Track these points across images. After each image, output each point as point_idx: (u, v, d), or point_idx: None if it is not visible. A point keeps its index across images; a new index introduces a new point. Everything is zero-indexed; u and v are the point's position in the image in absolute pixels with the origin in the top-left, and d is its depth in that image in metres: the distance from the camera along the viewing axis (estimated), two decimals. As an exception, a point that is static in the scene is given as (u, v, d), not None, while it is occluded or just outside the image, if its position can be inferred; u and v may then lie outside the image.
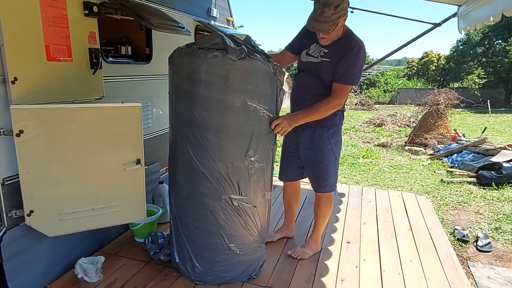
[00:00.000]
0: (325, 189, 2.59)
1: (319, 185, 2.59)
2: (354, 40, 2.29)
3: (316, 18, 2.14)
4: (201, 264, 2.28)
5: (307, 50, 2.43)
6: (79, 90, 2.29)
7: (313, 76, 2.40)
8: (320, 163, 2.51)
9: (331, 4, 2.08)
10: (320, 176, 2.55)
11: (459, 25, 3.80)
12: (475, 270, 2.94)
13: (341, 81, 2.29)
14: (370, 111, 15.87)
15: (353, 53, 2.24)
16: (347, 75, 2.28)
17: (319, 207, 2.71)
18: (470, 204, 4.48)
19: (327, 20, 2.12)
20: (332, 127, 2.48)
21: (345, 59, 2.24)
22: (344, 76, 2.27)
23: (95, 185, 2.19)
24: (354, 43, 2.26)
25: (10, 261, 2.02)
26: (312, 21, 2.17)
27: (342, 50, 2.26)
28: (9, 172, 1.97)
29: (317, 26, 2.17)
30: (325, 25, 2.15)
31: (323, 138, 2.47)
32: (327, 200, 2.68)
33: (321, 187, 2.59)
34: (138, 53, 3.17)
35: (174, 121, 2.25)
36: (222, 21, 4.48)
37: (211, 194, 2.16)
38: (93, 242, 2.64)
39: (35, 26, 1.97)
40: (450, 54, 25.53)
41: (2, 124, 1.89)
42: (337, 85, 2.30)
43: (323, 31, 2.21)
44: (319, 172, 2.54)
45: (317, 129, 2.45)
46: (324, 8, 2.09)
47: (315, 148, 2.49)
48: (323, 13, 2.10)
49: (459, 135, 7.67)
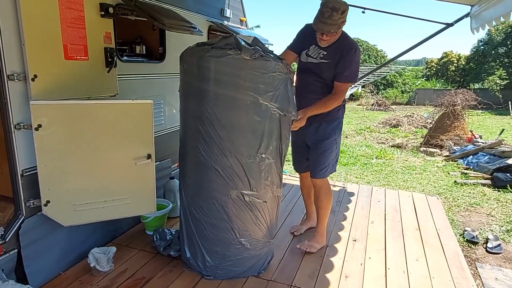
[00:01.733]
0: (323, 175, 2.73)
1: (318, 171, 2.72)
2: (350, 41, 2.50)
3: (323, 20, 2.30)
4: (212, 258, 2.35)
5: (306, 51, 2.60)
6: (94, 88, 2.40)
7: (313, 75, 2.60)
8: (324, 152, 2.67)
9: (339, 9, 2.27)
10: (322, 163, 2.69)
11: (472, 25, 3.76)
12: (483, 271, 2.93)
13: (342, 80, 2.51)
14: (386, 112, 15.69)
15: (351, 53, 2.45)
16: (347, 74, 2.48)
17: (319, 199, 2.82)
18: (482, 206, 4.42)
19: (334, 23, 2.30)
20: (336, 120, 2.68)
21: (344, 59, 2.45)
22: (343, 75, 2.48)
23: (107, 178, 2.30)
24: (350, 45, 2.47)
25: (27, 248, 2.15)
26: (320, 23, 2.33)
27: (340, 51, 2.46)
28: (28, 164, 2.09)
29: (325, 28, 2.33)
30: (332, 28, 2.33)
31: (328, 130, 2.65)
32: (326, 191, 2.80)
33: (320, 173, 2.72)
34: (152, 53, 3.28)
35: (186, 119, 2.32)
36: (236, 22, 4.56)
37: (223, 190, 2.23)
38: (105, 234, 2.76)
39: (54, 27, 2.09)
40: (471, 54, 24.95)
41: (22, 119, 2.02)
42: (339, 84, 2.52)
43: (329, 32, 2.37)
44: (322, 160, 2.69)
45: (323, 122, 2.63)
46: (333, 12, 2.26)
47: (321, 139, 2.66)
48: (331, 16, 2.27)
49: (476, 137, 7.54)
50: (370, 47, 28.75)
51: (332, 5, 2.26)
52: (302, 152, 2.85)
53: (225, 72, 2.08)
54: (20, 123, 2.01)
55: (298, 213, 3.50)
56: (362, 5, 3.94)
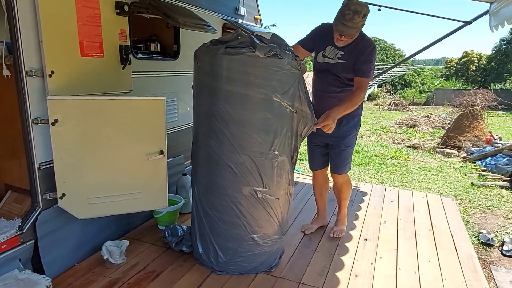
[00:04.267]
0: (346, 170, 2.86)
1: (342, 167, 2.83)
2: (367, 40, 2.51)
3: (345, 23, 2.31)
4: (224, 254, 2.38)
5: (322, 52, 2.61)
6: (109, 84, 2.46)
7: (331, 74, 2.61)
8: (347, 148, 2.76)
9: (361, 13, 2.28)
10: (344, 159, 2.79)
11: (491, 23, 3.68)
12: (497, 274, 2.87)
13: (364, 75, 2.49)
14: (403, 112, 15.46)
15: (369, 52, 2.46)
16: (367, 70, 2.48)
17: (341, 192, 2.99)
18: (499, 208, 4.32)
19: (355, 26, 2.33)
20: (356, 116, 2.72)
21: (363, 58, 2.45)
22: (364, 71, 2.48)
23: (120, 172, 2.35)
24: (368, 44, 2.48)
25: (43, 239, 2.22)
26: (341, 25, 2.34)
27: (358, 50, 2.47)
28: (44, 157, 2.16)
29: (346, 31, 2.35)
30: (353, 31, 2.36)
31: (349, 126, 2.70)
32: (348, 184, 2.97)
33: (343, 169, 2.84)
34: (166, 50, 3.32)
35: (199, 115, 2.35)
36: (250, 20, 4.57)
37: (235, 187, 2.25)
38: (119, 227, 2.82)
39: (71, 24, 2.15)
40: (492, 53, 24.33)
41: (39, 114, 2.08)
42: (360, 79, 2.49)
43: (350, 35, 2.40)
44: (344, 156, 2.78)
45: (344, 119, 2.61)
46: (354, 15, 2.27)
47: (343, 135, 2.70)
48: (352, 19, 2.28)
49: (495, 138, 7.36)
50: (388, 46, 28.32)
51: (355, 7, 2.26)
52: (320, 150, 2.89)
53: (238, 70, 2.10)
54: (38, 117, 2.07)
55: (309, 212, 3.49)
56: (379, 3, 3.90)
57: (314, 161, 2.99)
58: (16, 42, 1.93)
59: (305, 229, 3.07)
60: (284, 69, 2.11)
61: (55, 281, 2.21)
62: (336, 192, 3.05)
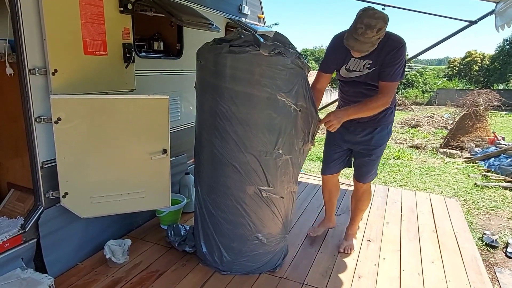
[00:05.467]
0: (371, 179, 2.71)
1: (369, 176, 2.69)
2: (394, 40, 2.22)
3: (356, 37, 2.06)
4: (229, 254, 2.37)
5: (345, 66, 2.38)
6: (112, 83, 2.44)
7: (363, 84, 2.39)
8: (377, 158, 2.61)
9: (374, 27, 2.01)
10: (373, 168, 2.65)
11: (497, 22, 3.64)
12: (502, 276, 2.85)
13: (389, 79, 2.26)
14: (406, 112, 15.42)
15: (395, 52, 2.20)
16: (394, 74, 2.24)
17: (361, 201, 2.82)
18: (503, 209, 4.30)
19: (367, 41, 2.06)
20: (390, 123, 2.58)
21: (390, 60, 2.20)
22: (390, 74, 2.24)
23: (123, 171, 2.34)
24: (395, 44, 2.21)
25: (46, 238, 2.21)
26: (352, 40, 2.09)
27: (384, 53, 2.22)
28: (47, 156, 2.15)
29: (356, 46, 2.10)
30: (365, 46, 2.09)
31: (383, 135, 2.55)
32: (369, 193, 2.82)
33: (368, 178, 2.69)
34: (169, 49, 3.31)
35: (202, 114, 2.32)
36: (253, 18, 4.55)
37: (240, 186, 2.23)
38: (121, 227, 2.81)
39: (74, 22, 2.14)
40: (496, 53, 24.26)
41: (42, 112, 2.07)
42: (385, 83, 2.27)
43: (361, 51, 2.14)
44: (374, 165, 2.63)
45: (378, 127, 2.51)
46: (367, 30, 2.01)
47: (375, 144, 2.54)
48: (364, 34, 2.03)
49: (498, 138, 7.33)
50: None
51: (367, 21, 1.99)
52: (339, 154, 2.72)
53: (242, 68, 2.08)
54: (41, 116, 2.06)
55: (313, 211, 3.48)
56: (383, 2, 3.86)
57: (330, 165, 2.78)
58: (19, 40, 1.92)
59: (311, 232, 2.97)
60: (288, 67, 2.09)
61: (57, 280, 2.21)
62: (354, 201, 2.85)
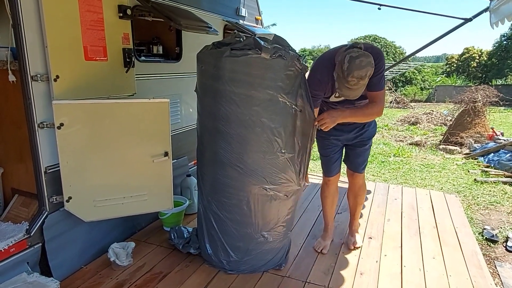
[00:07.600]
0: (364, 169, 2.85)
1: (363, 165, 2.82)
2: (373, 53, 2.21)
3: (349, 87, 2.16)
4: (236, 253, 2.39)
5: (335, 94, 2.40)
6: (113, 87, 2.47)
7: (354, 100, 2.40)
8: (369, 147, 2.78)
9: (365, 76, 2.11)
10: (366, 157, 2.81)
11: (491, 19, 3.68)
12: (502, 270, 2.87)
13: (378, 89, 2.33)
14: (405, 109, 15.42)
15: (379, 63, 2.24)
16: (381, 83, 2.33)
17: (359, 196, 2.88)
18: (503, 204, 4.32)
19: (361, 87, 2.18)
20: None
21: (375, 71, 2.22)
22: (378, 84, 2.31)
23: (126, 175, 2.37)
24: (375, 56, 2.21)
25: (51, 242, 2.24)
26: (345, 90, 2.19)
27: None
28: (51, 161, 2.18)
29: (352, 94, 2.21)
30: (359, 92, 2.21)
31: (373, 126, 2.71)
32: (364, 187, 2.91)
33: (364, 167, 2.83)
34: (168, 53, 3.34)
35: (204, 117, 2.34)
36: (251, 20, 4.58)
37: (244, 186, 2.26)
38: (125, 229, 2.83)
39: (75, 29, 2.17)
40: (493, 49, 24.30)
41: (45, 118, 2.10)
42: (375, 93, 2.35)
43: (356, 97, 2.25)
44: (367, 154, 2.80)
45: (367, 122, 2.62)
46: (359, 81, 2.12)
47: (369, 135, 2.70)
48: (357, 84, 2.13)
49: (497, 134, 7.36)
50: (388, 43, 28.31)
51: (357, 74, 2.07)
52: (338, 154, 2.77)
53: (244, 72, 2.11)
54: (44, 122, 2.10)
55: (313, 211, 3.51)
56: (378, 2, 3.90)
57: (334, 165, 2.77)
58: (21, 48, 1.95)
59: (321, 248, 2.78)
60: (289, 69, 2.13)
61: (62, 284, 2.23)
62: (352, 198, 2.88)
